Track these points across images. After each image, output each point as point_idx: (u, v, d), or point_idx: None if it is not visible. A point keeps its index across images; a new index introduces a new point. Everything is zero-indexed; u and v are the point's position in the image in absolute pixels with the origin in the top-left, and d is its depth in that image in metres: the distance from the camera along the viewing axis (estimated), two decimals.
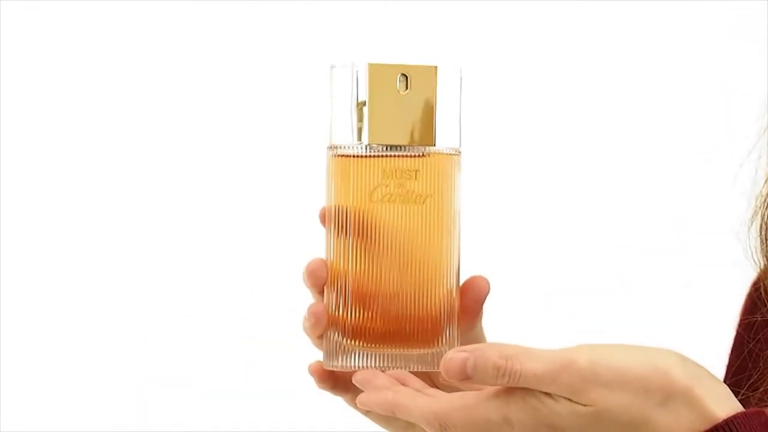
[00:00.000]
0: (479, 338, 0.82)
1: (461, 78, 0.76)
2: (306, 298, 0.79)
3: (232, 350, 1.78)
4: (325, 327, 0.76)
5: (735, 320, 0.90)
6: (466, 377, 0.67)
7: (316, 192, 0.78)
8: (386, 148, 0.76)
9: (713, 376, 0.68)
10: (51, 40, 1.80)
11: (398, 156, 0.75)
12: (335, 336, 0.76)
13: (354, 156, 0.76)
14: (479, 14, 1.75)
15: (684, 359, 0.68)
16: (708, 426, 0.66)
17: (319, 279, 0.77)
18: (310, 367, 0.79)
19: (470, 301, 0.77)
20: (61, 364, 1.78)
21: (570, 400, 0.66)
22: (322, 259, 0.77)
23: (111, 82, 1.80)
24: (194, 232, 1.80)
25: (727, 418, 0.66)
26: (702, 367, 0.68)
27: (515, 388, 0.67)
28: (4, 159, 1.80)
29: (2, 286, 1.79)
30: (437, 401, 0.69)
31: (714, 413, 0.67)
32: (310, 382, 0.79)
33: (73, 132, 1.80)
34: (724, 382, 0.88)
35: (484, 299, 0.78)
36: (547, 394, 0.66)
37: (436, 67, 0.76)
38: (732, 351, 0.90)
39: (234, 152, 1.80)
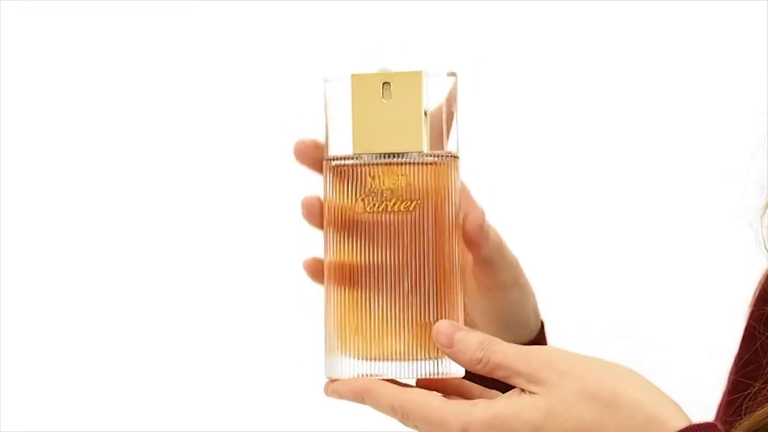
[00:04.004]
0: (514, 279, 0.85)
1: (456, 83, 0.76)
2: (306, 299, 0.79)
3: (232, 350, 1.78)
4: (318, 217, 0.77)
5: (746, 310, 0.90)
6: (450, 345, 0.72)
7: (315, 192, 0.78)
8: (373, 157, 0.75)
9: (665, 394, 0.70)
10: (51, 40, 1.80)
11: (383, 164, 0.75)
12: (334, 343, 0.75)
13: (341, 166, 0.76)
14: (477, 17, 1.75)
15: (638, 375, 0.70)
16: None
17: (314, 215, 0.78)
18: (304, 263, 0.80)
19: (469, 231, 0.77)
20: (61, 364, 1.78)
21: (526, 388, 0.70)
22: (316, 195, 0.78)
23: (112, 84, 1.80)
24: (194, 232, 1.80)
25: (681, 430, 0.67)
26: (655, 386, 0.70)
27: (478, 400, 0.71)
28: (4, 159, 1.80)
29: (2, 286, 1.79)
30: (406, 392, 0.72)
31: (668, 422, 0.67)
32: (310, 382, 0.78)
33: (73, 132, 1.80)
34: (734, 373, 0.88)
35: (482, 225, 0.78)
36: (508, 404, 0.69)
37: (421, 72, 0.75)
38: (742, 342, 0.90)
39: (233, 153, 1.80)
